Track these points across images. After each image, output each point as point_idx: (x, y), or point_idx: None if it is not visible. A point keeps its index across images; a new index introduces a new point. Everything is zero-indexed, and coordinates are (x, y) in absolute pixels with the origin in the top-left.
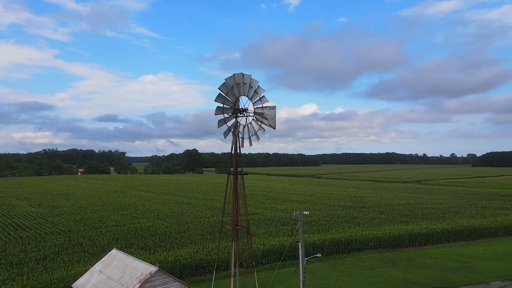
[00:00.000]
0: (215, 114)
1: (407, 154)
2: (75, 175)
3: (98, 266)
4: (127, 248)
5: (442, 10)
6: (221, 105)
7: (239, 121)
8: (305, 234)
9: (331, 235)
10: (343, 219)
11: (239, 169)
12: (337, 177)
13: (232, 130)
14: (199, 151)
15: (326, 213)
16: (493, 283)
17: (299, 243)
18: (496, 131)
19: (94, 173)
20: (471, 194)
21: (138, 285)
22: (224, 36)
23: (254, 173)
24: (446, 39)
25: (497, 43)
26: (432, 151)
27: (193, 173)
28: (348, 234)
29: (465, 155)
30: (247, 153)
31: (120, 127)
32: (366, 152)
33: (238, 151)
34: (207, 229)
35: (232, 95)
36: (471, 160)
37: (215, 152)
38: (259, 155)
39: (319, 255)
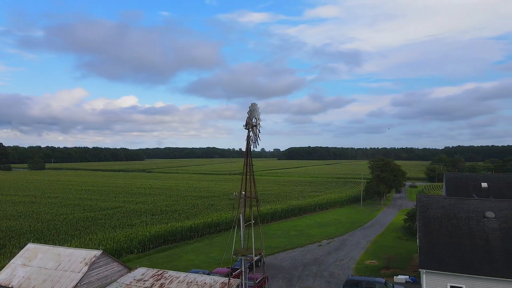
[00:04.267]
0: (245, 128)
1: (225, 148)
2: None
3: (17, 261)
4: (1, 249)
5: (253, 21)
6: (245, 122)
7: (254, 132)
8: (176, 222)
9: (201, 220)
10: (202, 207)
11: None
12: (168, 171)
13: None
14: None
15: (187, 203)
16: (323, 241)
17: (240, 214)
18: (293, 129)
19: None
20: (287, 182)
21: (86, 267)
22: (23, 8)
23: (78, 169)
24: (256, 47)
25: (294, 55)
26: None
27: None
28: (216, 217)
29: (272, 150)
30: (67, 146)
31: None
32: (188, 147)
33: (250, 151)
34: (80, 223)
35: (251, 115)
36: (277, 154)
37: (20, 146)
38: (76, 149)
39: (252, 221)
